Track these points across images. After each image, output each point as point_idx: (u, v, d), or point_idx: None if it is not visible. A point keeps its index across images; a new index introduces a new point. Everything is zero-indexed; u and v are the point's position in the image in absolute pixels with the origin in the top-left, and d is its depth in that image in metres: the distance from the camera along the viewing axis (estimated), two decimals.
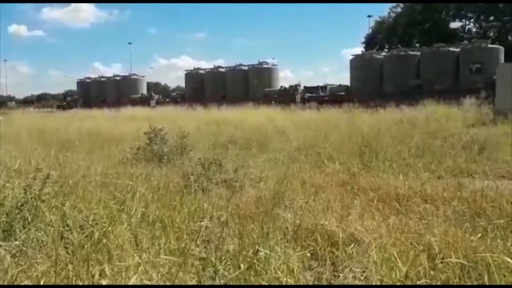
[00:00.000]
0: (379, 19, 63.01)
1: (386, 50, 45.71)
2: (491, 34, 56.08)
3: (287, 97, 40.11)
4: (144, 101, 48.79)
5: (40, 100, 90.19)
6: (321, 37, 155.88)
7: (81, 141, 11.45)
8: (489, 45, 36.68)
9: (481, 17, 55.43)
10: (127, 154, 9.16)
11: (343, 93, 40.21)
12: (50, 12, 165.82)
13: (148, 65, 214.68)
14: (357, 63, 41.92)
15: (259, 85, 45.97)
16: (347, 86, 42.34)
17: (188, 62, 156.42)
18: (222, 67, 51.66)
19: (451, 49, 37.68)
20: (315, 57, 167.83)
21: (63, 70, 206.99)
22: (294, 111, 25.76)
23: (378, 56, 41.57)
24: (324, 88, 44.72)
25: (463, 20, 57.45)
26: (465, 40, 55.75)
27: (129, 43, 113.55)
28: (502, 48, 37.81)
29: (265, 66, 48.46)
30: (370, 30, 63.11)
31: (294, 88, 43.32)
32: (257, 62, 48.97)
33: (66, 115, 29.84)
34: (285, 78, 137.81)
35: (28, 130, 14.54)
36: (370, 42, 60.37)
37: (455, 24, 57.68)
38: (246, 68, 49.24)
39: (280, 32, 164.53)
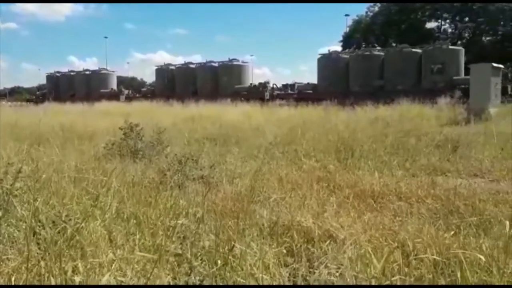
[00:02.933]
0: (356, 18, 63.55)
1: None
2: (466, 34, 57.04)
3: (257, 94, 40.91)
4: (114, 96, 48.60)
5: (13, 94, 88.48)
6: (300, 36, 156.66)
7: (54, 135, 11.26)
8: (450, 47, 37.65)
9: (457, 18, 56.31)
10: (101, 149, 9.05)
11: (310, 91, 41.02)
12: (24, 4, 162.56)
13: (124, 59, 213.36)
14: (324, 62, 42.30)
15: (229, 81, 46.41)
16: (314, 84, 42.98)
17: (165, 57, 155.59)
18: (193, 63, 51.61)
19: (413, 50, 38.59)
20: (294, 55, 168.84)
21: (37, 64, 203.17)
22: (272, 108, 25.80)
23: (345, 56, 42.08)
24: (292, 86, 45.36)
25: (439, 21, 58.29)
26: (440, 40, 56.68)
27: (105, 37, 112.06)
28: (462, 50, 39.07)
29: (235, 63, 48.63)
30: (348, 29, 63.57)
31: (263, 85, 43.95)
32: (227, 59, 49.10)
33: (38, 109, 29.25)
34: (263, 76, 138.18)
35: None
36: (348, 41, 60.81)
37: (431, 25, 58.51)
38: (216, 65, 49.34)
39: (259, 30, 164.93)
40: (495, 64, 20.54)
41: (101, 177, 5.54)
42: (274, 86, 45.41)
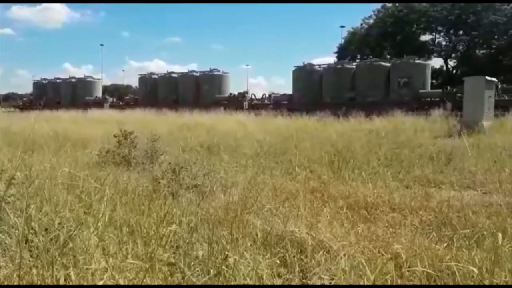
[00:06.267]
0: (351, 30, 63.84)
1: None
2: (460, 48, 57.41)
3: (236, 103, 42.01)
4: (98, 104, 49.37)
5: (7, 100, 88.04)
6: (296, 46, 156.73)
7: (48, 142, 11.21)
8: (416, 61, 38.70)
9: (451, 31, 56.67)
10: (95, 156, 9.02)
11: (285, 101, 41.98)
12: (20, 11, 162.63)
13: (120, 67, 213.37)
14: (298, 74, 43.37)
15: (209, 91, 47.53)
16: (290, 95, 43.94)
17: (161, 66, 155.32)
18: (175, 73, 52.55)
19: (383, 63, 40.12)
20: (289, 65, 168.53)
21: (32, 70, 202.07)
22: (266, 118, 25.83)
23: (318, 68, 43.18)
24: (269, 96, 46.50)
25: (433, 34, 58.64)
26: (434, 53, 57.08)
27: (101, 45, 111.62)
28: (429, 64, 40.88)
29: (216, 73, 49.62)
30: (343, 41, 63.84)
31: (242, 95, 45.48)
32: (208, 69, 50.19)
33: (29, 116, 29.14)
34: (258, 85, 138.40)
35: None
36: (343, 52, 61.04)
37: (425, 37, 58.83)
38: (197, 74, 50.35)
39: (255, 40, 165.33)
40: (488, 78, 20.66)
41: (95, 184, 5.52)
42: (253, 96, 46.71)
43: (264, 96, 46.85)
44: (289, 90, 44.30)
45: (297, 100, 40.77)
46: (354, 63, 43.56)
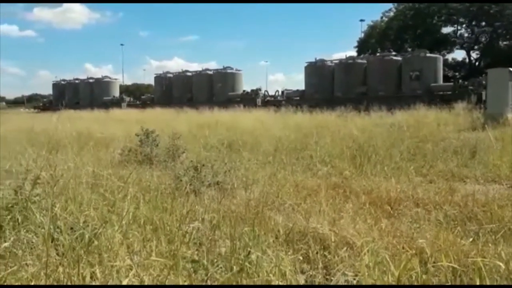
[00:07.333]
0: (371, 24, 63.21)
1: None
2: (483, 39, 56.37)
3: (249, 101, 42.49)
4: (116, 104, 50.32)
5: (30, 101, 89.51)
6: (314, 42, 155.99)
7: (72, 142, 11.36)
8: (428, 54, 38.49)
9: (473, 23, 55.65)
10: (117, 155, 9.12)
11: (298, 97, 42.26)
12: (41, 12, 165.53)
13: (139, 66, 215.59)
14: (310, 70, 43.64)
15: (223, 88, 48.27)
16: (302, 91, 44.18)
17: (180, 64, 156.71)
18: (190, 72, 53.46)
19: (394, 57, 40.16)
20: (308, 60, 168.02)
21: (53, 71, 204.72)
22: (284, 114, 25.71)
23: (330, 64, 43.39)
24: (282, 93, 46.83)
25: (455, 25, 57.65)
26: (457, 45, 56.15)
27: (121, 45, 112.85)
28: (440, 57, 40.73)
29: (229, 71, 50.29)
30: (363, 35, 63.26)
31: (256, 92, 45.81)
32: (222, 67, 50.94)
33: (47, 116, 29.59)
34: (276, 82, 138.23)
35: (18, 131, 14.46)
36: (363, 46, 60.43)
37: (447, 29, 57.88)
38: (211, 72, 51.11)
39: (274, 36, 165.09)
40: None
41: (118, 183, 5.58)
42: (266, 92, 47.08)
43: (277, 93, 47.10)
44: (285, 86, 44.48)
45: (309, 96, 41.01)
46: (366, 58, 43.62)
